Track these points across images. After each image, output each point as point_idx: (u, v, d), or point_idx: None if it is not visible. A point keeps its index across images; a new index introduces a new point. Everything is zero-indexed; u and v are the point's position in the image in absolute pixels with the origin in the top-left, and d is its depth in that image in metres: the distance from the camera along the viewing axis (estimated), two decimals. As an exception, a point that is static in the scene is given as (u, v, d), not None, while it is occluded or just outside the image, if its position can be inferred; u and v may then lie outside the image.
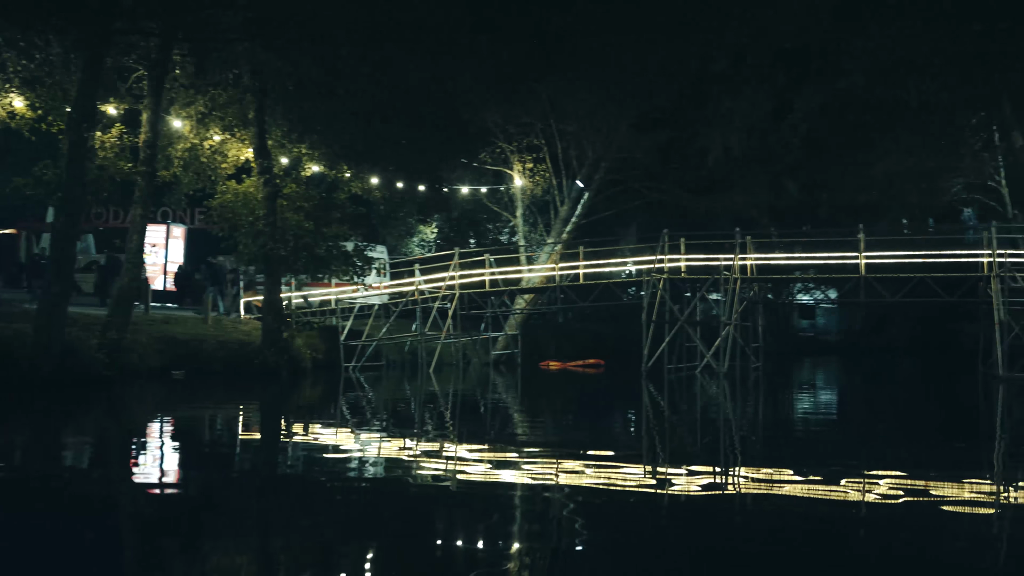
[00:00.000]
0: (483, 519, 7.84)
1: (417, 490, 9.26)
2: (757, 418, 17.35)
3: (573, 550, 6.93)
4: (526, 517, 7.98)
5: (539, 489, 9.16)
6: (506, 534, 7.35)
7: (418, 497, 8.93)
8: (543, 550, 6.89)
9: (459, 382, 26.22)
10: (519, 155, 35.35)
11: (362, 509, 8.51)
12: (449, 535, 7.50)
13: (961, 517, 7.87)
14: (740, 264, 27.06)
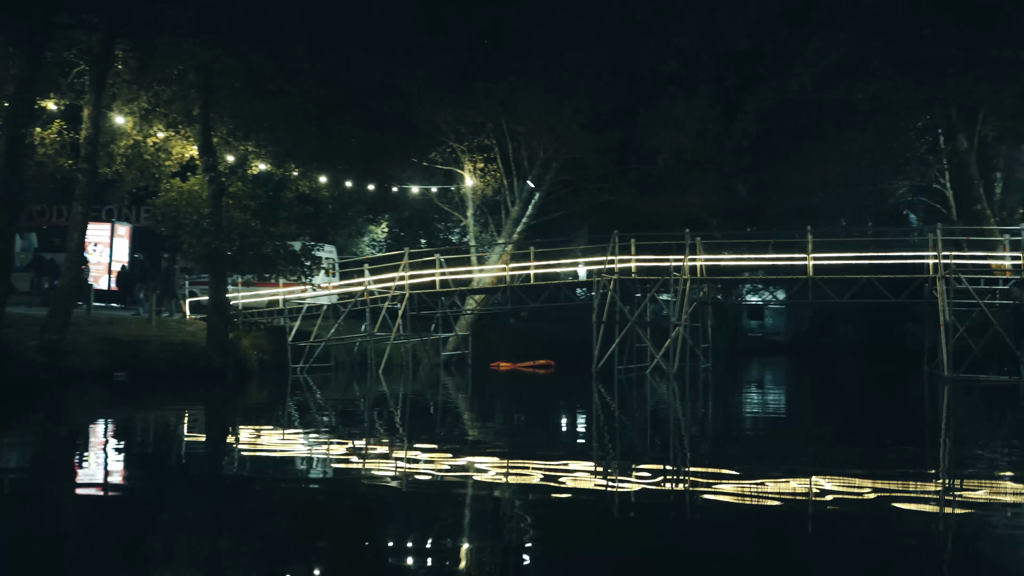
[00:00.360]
0: (433, 521, 7.77)
1: (366, 493, 9.12)
2: (707, 418, 17.37)
3: (523, 552, 6.88)
4: (476, 518, 7.95)
5: (489, 490, 9.13)
6: (456, 536, 7.33)
7: (367, 500, 8.82)
8: (493, 551, 6.85)
9: (409, 383, 25.96)
10: (470, 155, 35.16)
11: (309, 512, 8.39)
12: (399, 537, 7.42)
13: (907, 516, 7.91)
14: (690, 265, 27.15)
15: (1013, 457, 11.85)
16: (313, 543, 7.22)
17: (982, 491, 9.19)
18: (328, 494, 9.34)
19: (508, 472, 10.26)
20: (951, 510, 8.31)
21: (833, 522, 7.69)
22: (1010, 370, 23.83)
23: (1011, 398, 20.03)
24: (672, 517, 7.94)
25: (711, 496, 8.77)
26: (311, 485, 9.90)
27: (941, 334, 23.84)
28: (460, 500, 8.74)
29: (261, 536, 7.39)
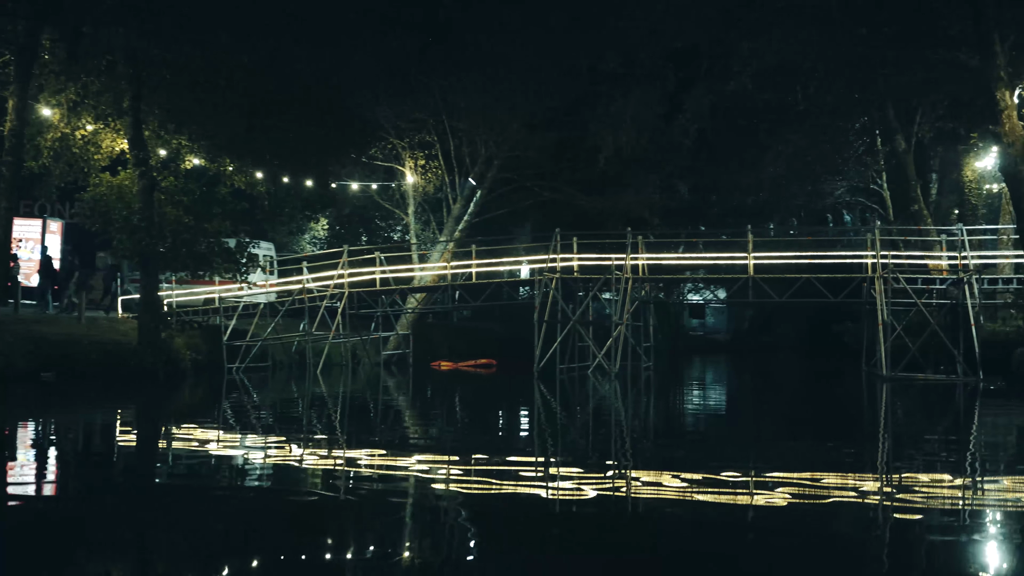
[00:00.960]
0: (372, 524, 7.69)
1: (303, 496, 8.96)
2: (648, 418, 17.26)
3: (463, 556, 6.82)
4: (416, 522, 7.86)
5: (429, 492, 9.04)
6: (396, 539, 7.24)
7: (304, 503, 8.66)
8: (432, 555, 6.78)
9: (348, 383, 25.53)
10: (411, 152, 34.73)
11: (243, 516, 8.17)
12: (337, 542, 7.29)
13: (848, 513, 7.97)
14: (631, 264, 27.07)
15: (951, 455, 11.87)
16: (246, 548, 7.04)
17: (921, 488, 9.22)
18: (262, 497, 9.07)
19: (449, 473, 10.12)
20: (892, 507, 8.31)
21: (776, 521, 7.66)
22: (947, 369, 24.10)
23: (948, 396, 20.19)
24: (615, 517, 7.88)
25: (652, 496, 8.72)
26: (244, 488, 9.59)
27: (879, 333, 24.01)
28: (400, 502, 8.59)
29: (190, 543, 7.18)
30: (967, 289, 23.60)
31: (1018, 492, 9.21)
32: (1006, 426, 15.83)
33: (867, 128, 35.08)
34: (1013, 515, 8.11)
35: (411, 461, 10.94)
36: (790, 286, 26.50)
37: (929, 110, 30.58)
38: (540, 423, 16.21)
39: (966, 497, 8.80)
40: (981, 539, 7.20)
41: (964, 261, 24.41)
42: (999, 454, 12.14)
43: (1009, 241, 30.01)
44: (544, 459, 11.51)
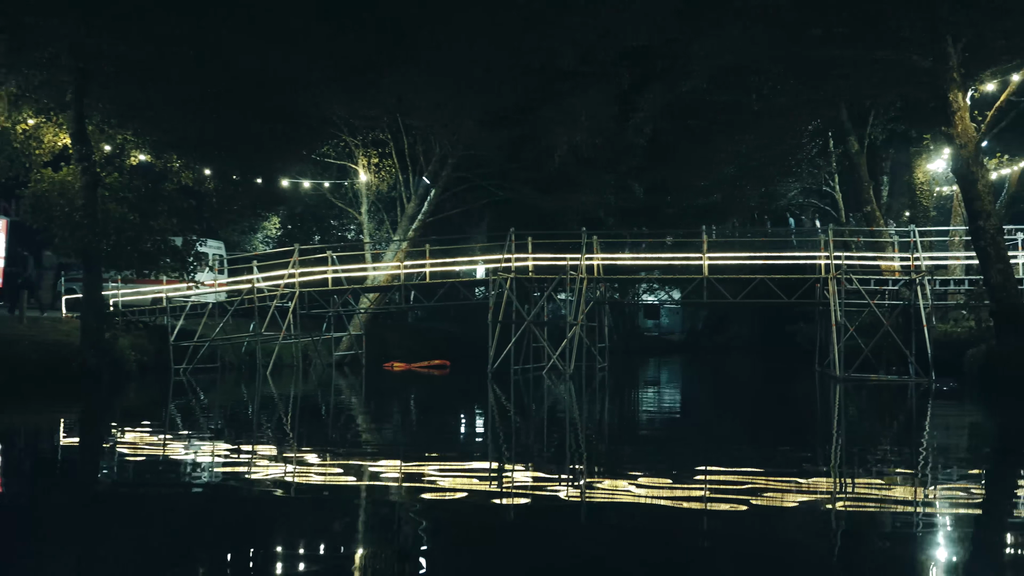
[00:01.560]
0: (322, 528, 7.54)
1: (252, 499, 8.74)
2: (603, 419, 17.08)
3: (415, 558, 6.69)
4: (368, 524, 7.75)
5: (381, 494, 8.90)
6: (347, 542, 7.15)
7: (254, 507, 8.44)
8: (385, 558, 6.69)
9: (299, 384, 25.06)
10: (364, 149, 34.26)
11: (190, 520, 8.04)
12: (287, 545, 7.13)
13: (799, 518, 7.91)
14: (586, 264, 26.89)
15: (904, 457, 11.81)
16: (192, 554, 6.88)
17: (875, 489, 9.21)
18: (207, 502, 8.82)
19: (401, 476, 9.93)
20: (844, 508, 8.33)
21: (730, 523, 7.61)
22: (899, 370, 24.20)
23: (901, 397, 20.23)
24: (568, 520, 7.82)
25: (604, 499, 8.62)
26: (191, 492, 9.33)
27: (832, 334, 24.05)
28: (351, 506, 8.45)
29: (134, 549, 7.00)
30: (919, 290, 23.72)
31: (969, 494, 9.17)
32: (958, 427, 15.84)
33: (820, 130, 35.27)
34: (963, 517, 8.07)
35: (362, 463, 10.73)
36: (744, 287, 26.55)
37: (882, 112, 30.78)
38: (493, 425, 15.95)
39: (918, 499, 8.77)
40: (932, 541, 7.18)
41: (916, 262, 24.53)
42: (951, 456, 12.08)
43: (960, 242, 30.29)
44: (496, 461, 11.29)
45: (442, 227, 36.32)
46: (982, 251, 21.14)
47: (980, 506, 8.64)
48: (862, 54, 22.57)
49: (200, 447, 12.39)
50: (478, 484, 9.50)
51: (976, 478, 10.18)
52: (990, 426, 16.44)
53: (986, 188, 21.14)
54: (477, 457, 11.80)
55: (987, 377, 21.48)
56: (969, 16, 20.50)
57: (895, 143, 34.35)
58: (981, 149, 21.34)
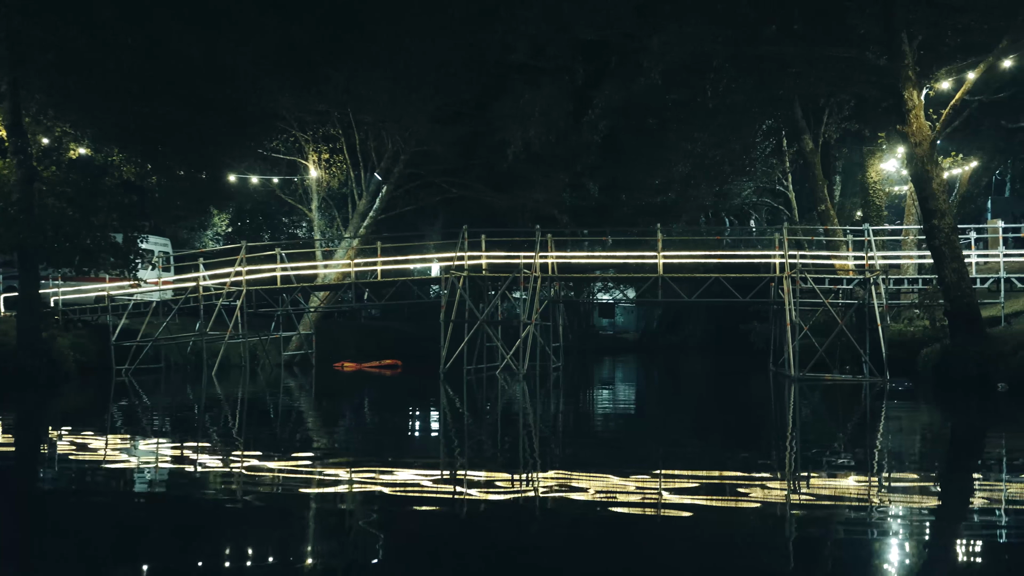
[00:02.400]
0: (271, 533, 7.40)
1: (196, 504, 8.52)
2: (557, 419, 16.77)
3: (364, 564, 6.61)
4: (319, 528, 7.62)
5: (331, 498, 8.77)
6: (295, 549, 6.96)
7: (199, 512, 8.24)
8: (336, 563, 6.60)
9: (246, 385, 24.41)
10: (314, 145, 33.57)
11: (131, 526, 7.79)
12: (235, 551, 6.96)
13: (753, 519, 7.86)
14: (540, 262, 26.51)
15: (858, 457, 11.65)
16: (132, 561, 6.69)
17: (829, 491, 9.13)
18: (151, 507, 8.61)
19: (352, 479, 9.69)
20: (798, 508, 8.29)
21: (680, 524, 7.57)
22: (853, 369, 24.12)
23: (855, 397, 20.09)
24: (522, 522, 7.74)
25: (558, 500, 8.51)
26: (132, 498, 9.08)
27: (787, 333, 23.89)
28: (299, 511, 8.25)
29: (71, 557, 6.80)
30: (873, 289, 23.65)
31: (922, 495, 9.09)
32: (913, 427, 15.69)
33: (774, 130, 35.26)
34: (917, 518, 8.03)
35: (309, 466, 10.55)
36: (699, 285, 26.37)
37: (836, 110, 30.74)
38: (444, 426, 15.58)
39: (872, 501, 8.70)
40: (884, 542, 7.16)
41: (871, 261, 24.46)
42: (905, 457, 11.91)
43: (913, 242, 30.37)
44: (447, 463, 11.04)
45: (395, 225, 35.75)
46: (936, 250, 21.05)
47: (934, 508, 8.61)
48: (818, 51, 22.40)
49: (139, 451, 11.92)
50: (428, 487, 9.25)
51: (930, 479, 10.09)
52: (944, 426, 16.32)
53: (940, 187, 21.05)
54: (427, 459, 11.47)
55: (941, 377, 21.42)
56: (924, 14, 20.42)
57: (848, 142, 34.41)
58: (936, 148, 21.24)
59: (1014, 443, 13.39)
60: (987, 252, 27.03)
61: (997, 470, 10.82)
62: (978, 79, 20.84)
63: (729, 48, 22.78)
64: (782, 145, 36.38)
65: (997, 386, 18.92)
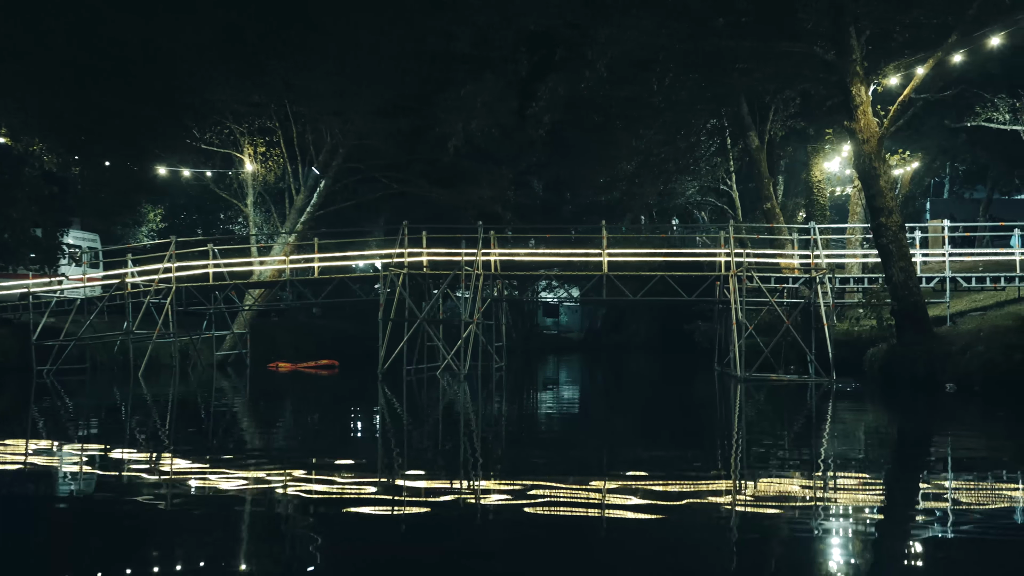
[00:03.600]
0: (200, 541, 7.06)
1: (120, 512, 8.09)
2: (499, 420, 16.17)
3: (304, 571, 6.35)
4: (251, 534, 7.34)
5: (263, 503, 8.42)
6: (229, 554, 6.69)
7: (123, 520, 7.84)
8: (270, 572, 6.42)
9: (176, 386, 23.40)
10: (250, 137, 32.47)
11: (48, 536, 7.50)
12: (163, 558, 6.63)
13: (698, 522, 7.72)
14: (483, 260, 25.84)
15: (804, 458, 11.37)
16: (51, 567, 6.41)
17: (774, 491, 9.06)
18: (71, 516, 8.13)
19: (286, 484, 9.37)
20: (745, 510, 8.17)
21: (626, 527, 7.42)
22: (799, 369, 23.83)
23: (802, 398, 19.75)
24: (464, 528, 7.47)
25: (500, 505, 8.26)
26: (51, 503, 8.69)
27: (733, 332, 23.50)
28: (230, 517, 7.89)
29: None
30: (819, 288, 23.37)
31: (868, 495, 9.08)
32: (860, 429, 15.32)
33: (719, 128, 35.06)
34: (862, 519, 7.91)
35: (244, 468, 10.27)
36: (644, 284, 25.97)
37: (782, 107, 30.51)
38: (381, 428, 14.93)
39: (818, 501, 8.58)
40: (830, 543, 7.06)
41: (817, 260, 24.18)
42: (851, 458, 11.57)
43: (858, 241, 30.31)
44: (384, 466, 10.68)
45: (335, 221, 34.78)
46: (884, 248, 20.77)
47: (879, 508, 8.52)
48: (766, 45, 22.01)
49: (63, 454, 11.31)
50: (365, 492, 8.87)
51: (876, 480, 9.97)
52: (892, 427, 15.97)
53: (888, 184, 20.79)
54: (363, 464, 10.94)
55: (888, 377, 21.16)
56: (873, 9, 20.14)
57: (792, 141, 34.25)
58: (883, 144, 20.97)
59: (962, 444, 13.16)
60: (932, 251, 26.98)
61: (943, 470, 10.58)
62: (925, 76, 20.60)
63: (677, 42, 22.26)
64: (726, 144, 36.21)
65: (945, 386, 18.65)
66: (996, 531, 7.34)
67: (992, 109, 26.78)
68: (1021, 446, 12.94)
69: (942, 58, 19.90)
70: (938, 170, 40.39)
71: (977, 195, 47.02)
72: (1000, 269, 25.61)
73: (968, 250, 28.84)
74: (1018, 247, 25.91)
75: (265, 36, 29.29)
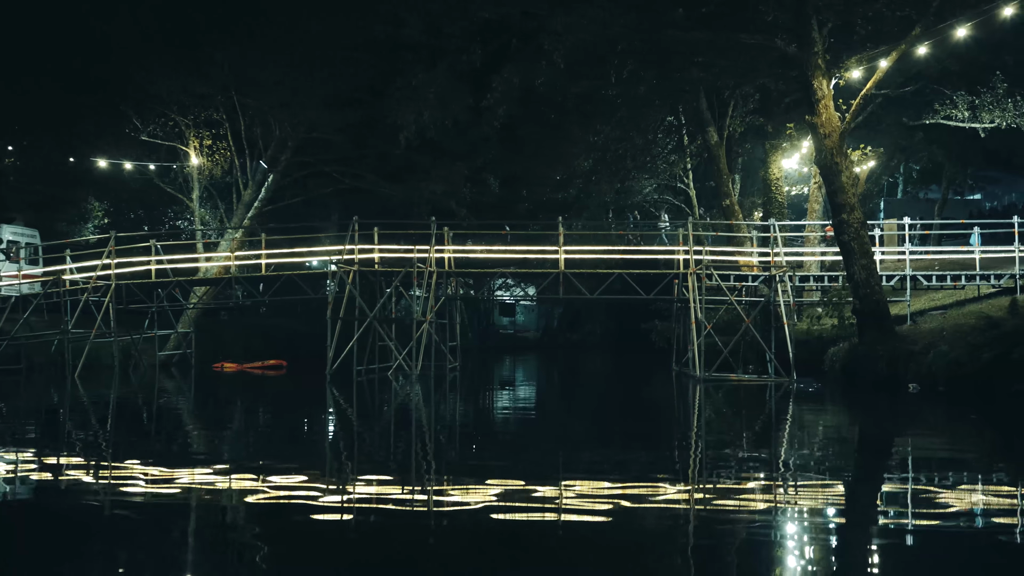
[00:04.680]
0: (141, 548, 6.88)
1: (55, 518, 7.87)
2: (451, 422, 15.67)
3: None
4: (197, 540, 7.18)
5: (207, 509, 8.25)
6: (170, 565, 6.48)
7: (66, 523, 7.67)
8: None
9: (116, 388, 22.42)
10: (195, 130, 31.37)
11: None
12: (106, 565, 6.47)
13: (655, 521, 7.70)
14: (436, 257, 25.08)
15: (766, 461, 11.13)
16: None
17: (733, 494, 8.84)
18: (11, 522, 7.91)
19: (231, 489, 9.13)
20: (702, 513, 8.07)
21: (579, 533, 7.29)
22: (756, 369, 23.39)
23: (762, 398, 19.28)
24: (415, 532, 7.30)
25: (454, 509, 8.09)
26: None
27: (692, 332, 22.99)
28: (175, 522, 7.73)
29: None
30: (779, 287, 22.94)
31: (829, 498, 8.91)
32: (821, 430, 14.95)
33: (675, 126, 34.65)
34: (822, 523, 7.80)
35: (188, 472, 10.01)
36: (602, 282, 25.44)
37: (741, 103, 30.07)
38: (332, 430, 14.45)
39: (777, 504, 8.44)
40: (787, 547, 6.95)
41: (777, 258, 23.76)
42: (814, 460, 11.25)
43: (816, 239, 30.00)
44: (333, 469, 10.51)
45: (286, 217, 33.82)
46: (845, 246, 20.33)
47: (839, 512, 8.35)
48: (725, 37, 21.48)
49: None
50: (312, 496, 8.54)
51: (837, 483, 9.79)
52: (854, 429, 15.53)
53: (850, 180, 20.36)
54: (311, 466, 10.63)
55: (850, 377, 20.72)
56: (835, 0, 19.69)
57: (750, 138, 33.88)
58: (845, 139, 20.53)
59: (926, 445, 12.87)
60: (890, 249, 26.71)
61: (903, 472, 10.35)
62: (887, 70, 20.22)
63: (635, 32, 21.66)
64: (683, 142, 35.84)
65: (908, 387, 18.24)
66: (962, 536, 7.21)
67: (951, 106, 26.52)
68: (991, 448, 12.60)
69: (906, 50, 19.51)
70: (895, 169, 40.33)
71: (932, 195, 47.17)
72: (957, 267, 25.36)
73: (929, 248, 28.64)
74: (977, 245, 25.68)
75: (211, 24, 28.30)
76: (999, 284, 23.75)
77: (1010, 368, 16.01)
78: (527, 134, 37.17)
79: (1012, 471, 10.44)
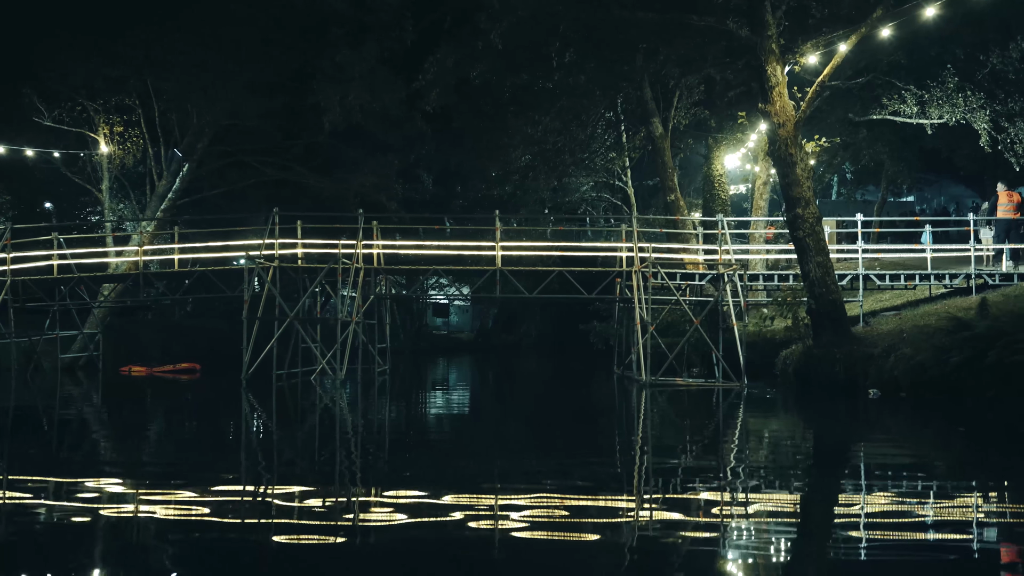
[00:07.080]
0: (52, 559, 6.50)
1: None
2: (380, 430, 14.61)
3: None
4: (106, 551, 6.78)
5: (112, 522, 7.62)
6: None
7: None
8: None
9: (12, 394, 20.65)
10: (106, 116, 29.24)
11: None
12: None
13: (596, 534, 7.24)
14: (364, 253, 23.45)
15: (716, 468, 10.60)
16: None
17: (680, 506, 8.47)
18: None
19: (137, 500, 8.59)
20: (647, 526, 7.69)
21: (516, 547, 6.80)
22: (704, 372, 22.20)
23: (709, 403, 18.10)
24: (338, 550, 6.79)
25: (379, 525, 7.55)
26: None
27: (636, 333, 21.70)
28: (84, 535, 7.19)
29: None
30: (728, 286, 21.76)
31: (783, 510, 8.39)
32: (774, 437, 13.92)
33: (614, 123, 33.55)
34: (774, 535, 7.39)
35: (92, 484, 9.50)
36: (540, 280, 24.09)
37: (686, 93, 28.89)
38: (245, 438, 13.52)
39: (726, 516, 7.99)
40: (736, 561, 6.58)
41: (725, 256, 22.58)
42: (767, 469, 10.58)
43: (761, 237, 29.02)
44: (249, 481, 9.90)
45: (204, 210, 31.82)
46: (800, 242, 19.14)
47: (794, 523, 7.94)
48: (675, 18, 20.19)
49: None
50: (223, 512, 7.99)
51: (792, 492, 9.23)
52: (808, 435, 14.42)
53: (805, 172, 19.19)
54: (222, 478, 9.88)
55: (804, 381, 19.56)
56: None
57: (692, 133, 32.83)
58: (800, 129, 19.39)
59: (889, 453, 11.99)
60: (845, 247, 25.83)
61: (858, 480, 9.95)
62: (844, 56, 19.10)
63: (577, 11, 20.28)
64: (622, 139, 34.72)
65: (868, 392, 17.08)
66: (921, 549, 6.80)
67: (900, 101, 25.72)
68: (959, 455, 11.72)
69: (866, 33, 18.37)
70: (838, 167, 39.68)
71: (869, 197, 46.82)
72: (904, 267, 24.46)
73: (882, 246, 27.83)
74: (929, 244, 24.83)
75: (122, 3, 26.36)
76: (952, 284, 22.87)
77: (983, 372, 14.92)
78: (463, 126, 35.79)
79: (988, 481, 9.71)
